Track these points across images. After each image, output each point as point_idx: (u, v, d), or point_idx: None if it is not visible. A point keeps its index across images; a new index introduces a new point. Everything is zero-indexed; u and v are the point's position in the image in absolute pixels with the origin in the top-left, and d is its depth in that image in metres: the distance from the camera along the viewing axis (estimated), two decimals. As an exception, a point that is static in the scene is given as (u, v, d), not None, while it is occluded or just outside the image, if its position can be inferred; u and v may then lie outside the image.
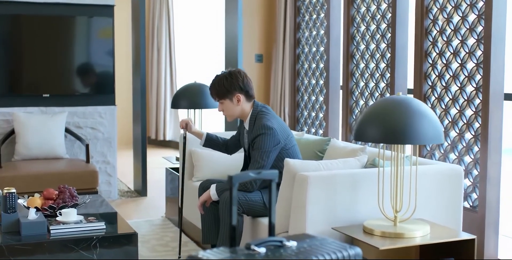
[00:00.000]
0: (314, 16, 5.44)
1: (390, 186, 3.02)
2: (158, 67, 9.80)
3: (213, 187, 3.65)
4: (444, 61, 4.01)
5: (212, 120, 6.73)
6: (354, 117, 4.89)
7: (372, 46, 4.68)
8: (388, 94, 4.52)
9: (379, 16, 4.59)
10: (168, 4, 9.63)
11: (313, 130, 5.51)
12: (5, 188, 3.50)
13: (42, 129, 5.54)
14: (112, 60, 5.99)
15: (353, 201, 3.09)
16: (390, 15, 4.47)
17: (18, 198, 3.66)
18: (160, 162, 8.10)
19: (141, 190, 6.31)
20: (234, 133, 4.17)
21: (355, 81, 4.88)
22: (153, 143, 9.75)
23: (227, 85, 3.55)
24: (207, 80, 5.69)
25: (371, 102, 4.71)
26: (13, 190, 3.48)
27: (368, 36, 4.71)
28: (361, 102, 4.82)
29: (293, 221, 3.12)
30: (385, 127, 2.82)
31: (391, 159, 3.04)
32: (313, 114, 5.51)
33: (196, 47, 9.39)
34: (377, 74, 4.63)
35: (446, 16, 3.98)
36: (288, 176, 3.18)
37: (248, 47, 6.50)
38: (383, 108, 2.91)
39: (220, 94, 3.59)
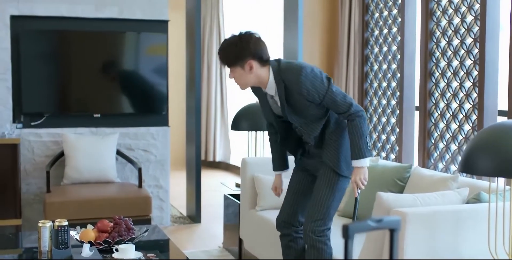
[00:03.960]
0: (385, 30, 5.03)
1: (503, 225, 2.57)
2: (208, 86, 9.48)
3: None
4: (547, 80, 3.55)
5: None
6: (433, 141, 4.44)
7: (455, 62, 4.24)
8: (474, 117, 4.06)
9: (463, 30, 4.15)
10: (219, 20, 9.34)
11: (383, 154, 5.07)
12: (57, 220, 3.15)
13: (93, 151, 5.23)
14: (166, 78, 5.67)
15: (458, 242, 2.65)
16: (477, 28, 4.02)
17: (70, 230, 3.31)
18: (211, 184, 7.74)
19: (194, 215, 5.94)
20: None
21: (434, 101, 4.43)
22: (203, 164, 9.39)
23: (237, 51, 3.04)
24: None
25: (454, 125, 4.26)
26: (65, 223, 3.13)
27: (450, 52, 4.27)
28: (441, 124, 4.37)
29: (386, 265, 2.69)
30: (503, 158, 2.39)
31: (504, 192, 2.60)
32: (384, 137, 5.07)
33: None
34: (461, 94, 4.18)
35: (549, 29, 3.53)
36: (380, 211, 2.75)
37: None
38: (497, 135, 2.47)
39: (229, 61, 3.08)
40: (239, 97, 9.11)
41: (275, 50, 7.61)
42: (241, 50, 3.04)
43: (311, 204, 3.22)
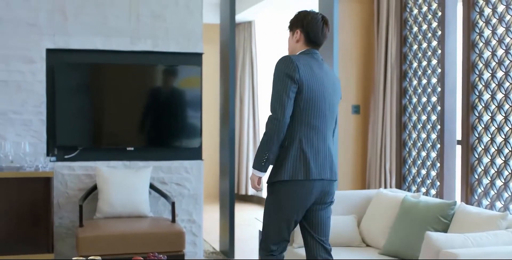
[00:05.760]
0: (424, 63, 4.92)
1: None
2: (240, 119, 9.43)
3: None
4: None
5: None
6: (477, 176, 4.28)
7: (500, 95, 4.11)
8: (521, 151, 3.91)
9: (508, 61, 4.03)
10: (251, 53, 9.33)
11: (423, 190, 4.91)
12: (90, 258, 3.07)
13: (126, 185, 5.16)
14: (200, 111, 5.60)
15: (513, 287, 2.49)
16: (523, 60, 3.90)
17: (104, 268, 3.22)
18: (244, 218, 7.62)
19: (228, 251, 5.81)
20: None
21: (477, 135, 4.29)
22: (235, 197, 9.29)
23: (294, 18, 3.43)
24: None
25: (499, 160, 4.11)
26: (99, 258, 3.04)
27: (494, 85, 4.14)
28: (486, 159, 4.22)
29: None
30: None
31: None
32: (423, 172, 4.92)
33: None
34: (507, 128, 4.03)
35: None
36: (429, 252, 2.61)
37: (344, 97, 6.00)
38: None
39: (289, 24, 3.47)
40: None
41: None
42: (297, 19, 3.40)
43: None
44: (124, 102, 5.46)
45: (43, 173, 4.92)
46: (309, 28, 3.33)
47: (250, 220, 7.27)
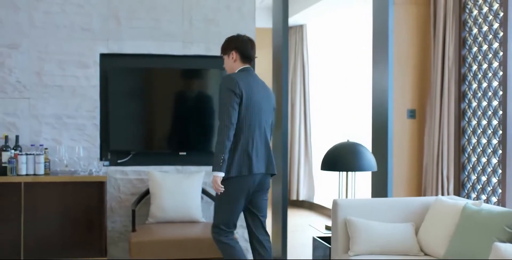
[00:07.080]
0: (485, 65, 4.75)
1: None
2: (292, 123, 9.34)
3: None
4: None
5: (365, 184, 6.07)
6: (542, 184, 4.10)
7: None
8: None
9: None
10: (303, 57, 9.24)
11: (483, 197, 4.73)
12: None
13: (178, 190, 5.13)
14: (252, 116, 5.53)
15: None
16: None
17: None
18: (296, 224, 7.53)
19: (280, 257, 5.72)
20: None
21: (542, 141, 4.11)
22: (286, 203, 9.20)
23: (226, 44, 4.16)
24: (351, 138, 5.10)
25: None
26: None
27: (560, 88, 3.96)
28: (551, 166, 4.04)
29: None
30: None
31: None
32: (484, 179, 4.74)
33: (335, 103, 8.84)
34: None
35: None
36: (498, 265, 2.48)
37: (399, 101, 5.86)
38: None
39: (222, 49, 4.18)
40: (323, 135, 8.92)
41: (363, 85, 7.41)
42: (229, 42, 4.15)
43: None
44: (176, 107, 5.45)
45: (97, 177, 4.94)
46: (242, 47, 4.10)
47: (302, 226, 7.17)
